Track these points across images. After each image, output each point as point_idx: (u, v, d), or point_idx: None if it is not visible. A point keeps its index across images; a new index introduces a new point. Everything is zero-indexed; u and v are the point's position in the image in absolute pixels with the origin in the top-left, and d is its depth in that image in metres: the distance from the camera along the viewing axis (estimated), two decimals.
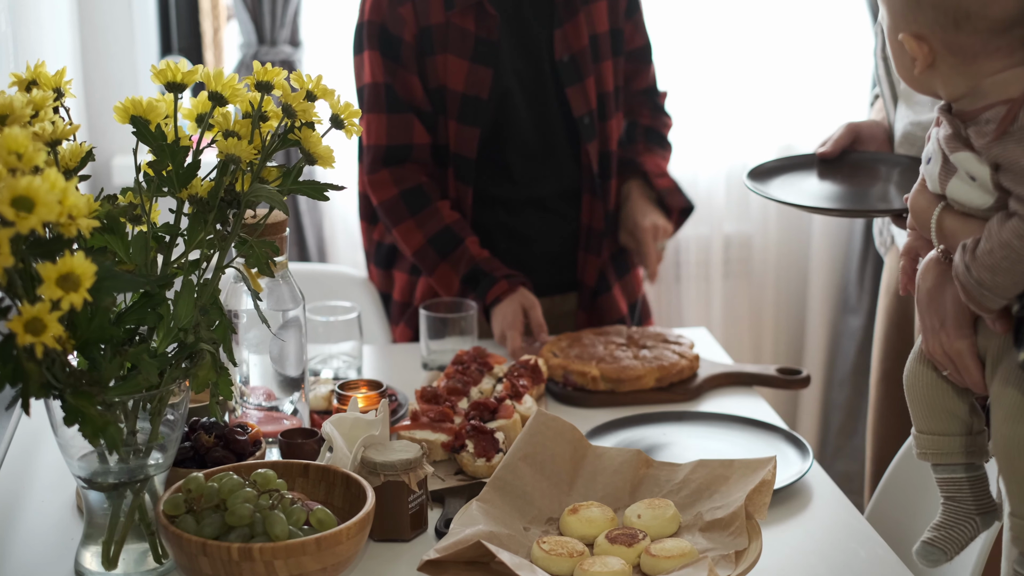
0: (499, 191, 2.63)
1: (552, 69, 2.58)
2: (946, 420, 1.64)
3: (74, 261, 1.31)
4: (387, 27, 2.50)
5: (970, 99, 1.53)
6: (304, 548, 1.46)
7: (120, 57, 3.57)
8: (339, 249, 3.83)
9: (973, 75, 1.52)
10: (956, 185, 1.53)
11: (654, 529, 1.70)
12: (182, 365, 1.55)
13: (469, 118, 2.53)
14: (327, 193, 1.65)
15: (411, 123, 2.54)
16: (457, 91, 2.52)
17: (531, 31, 2.56)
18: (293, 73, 1.63)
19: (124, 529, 1.59)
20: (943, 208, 1.56)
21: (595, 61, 2.60)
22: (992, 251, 1.46)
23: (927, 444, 1.65)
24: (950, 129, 1.53)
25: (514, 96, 2.57)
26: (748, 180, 2.30)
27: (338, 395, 2.02)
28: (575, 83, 2.58)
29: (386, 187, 2.56)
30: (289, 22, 3.64)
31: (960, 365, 1.59)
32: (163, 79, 1.59)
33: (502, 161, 2.61)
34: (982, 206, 1.50)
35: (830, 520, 1.86)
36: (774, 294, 4.03)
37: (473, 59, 2.51)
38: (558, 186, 2.66)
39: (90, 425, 1.41)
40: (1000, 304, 1.49)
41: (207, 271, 1.60)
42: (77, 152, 1.54)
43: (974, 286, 1.48)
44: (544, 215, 2.67)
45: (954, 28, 1.50)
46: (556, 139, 2.62)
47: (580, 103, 2.59)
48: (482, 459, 1.93)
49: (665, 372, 2.31)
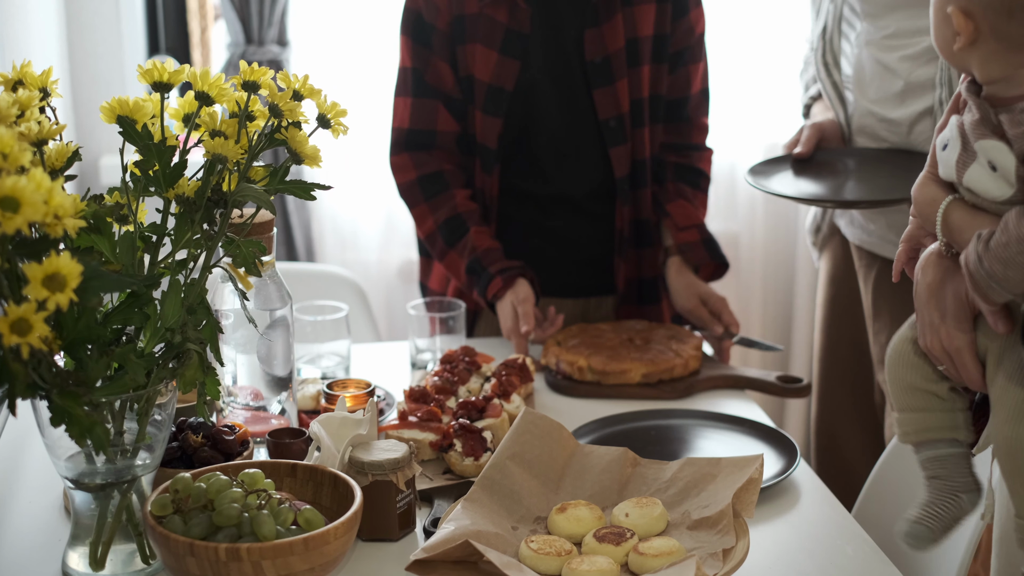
0: (528, 186, 2.61)
1: (583, 69, 2.54)
2: (927, 398, 1.63)
3: (60, 261, 1.31)
4: (422, 14, 2.51)
5: (1004, 85, 1.51)
6: (292, 548, 1.46)
7: (108, 57, 3.57)
8: (328, 249, 3.83)
9: (1012, 64, 1.49)
10: (975, 173, 1.50)
11: (642, 528, 1.70)
12: (169, 365, 1.55)
13: (492, 108, 2.52)
14: (315, 193, 1.65)
15: (436, 110, 2.54)
16: (484, 81, 2.51)
17: (565, 28, 2.52)
18: (280, 72, 1.63)
19: (111, 530, 1.59)
20: (951, 201, 1.55)
21: (632, 65, 2.54)
22: (1008, 244, 1.44)
23: (908, 423, 1.64)
24: (978, 114, 1.51)
25: (542, 91, 2.54)
26: (751, 178, 2.34)
27: (326, 395, 2.02)
28: (604, 85, 2.53)
29: (406, 170, 2.57)
30: (277, 21, 3.63)
31: (958, 362, 1.58)
32: (149, 79, 1.59)
33: (530, 155, 2.59)
34: (999, 197, 1.48)
35: (817, 518, 1.86)
36: (761, 291, 4.04)
37: (502, 50, 2.49)
38: (588, 186, 2.61)
39: (77, 426, 1.40)
40: (1006, 298, 1.48)
41: (194, 271, 1.59)
42: (63, 152, 1.54)
43: (984, 277, 1.46)
44: (576, 215, 2.63)
45: (1007, 15, 1.47)
46: (585, 139, 2.59)
47: (607, 106, 2.54)
48: (470, 458, 1.93)
49: (653, 369, 2.31)
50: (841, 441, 2.81)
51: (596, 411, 2.22)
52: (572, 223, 2.63)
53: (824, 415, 2.84)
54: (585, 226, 2.64)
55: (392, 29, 3.76)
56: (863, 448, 2.75)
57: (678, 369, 2.34)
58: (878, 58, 2.42)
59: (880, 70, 2.42)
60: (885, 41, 2.40)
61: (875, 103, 2.45)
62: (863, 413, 2.75)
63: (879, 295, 2.58)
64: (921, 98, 2.36)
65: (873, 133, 2.47)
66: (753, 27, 3.84)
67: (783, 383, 2.35)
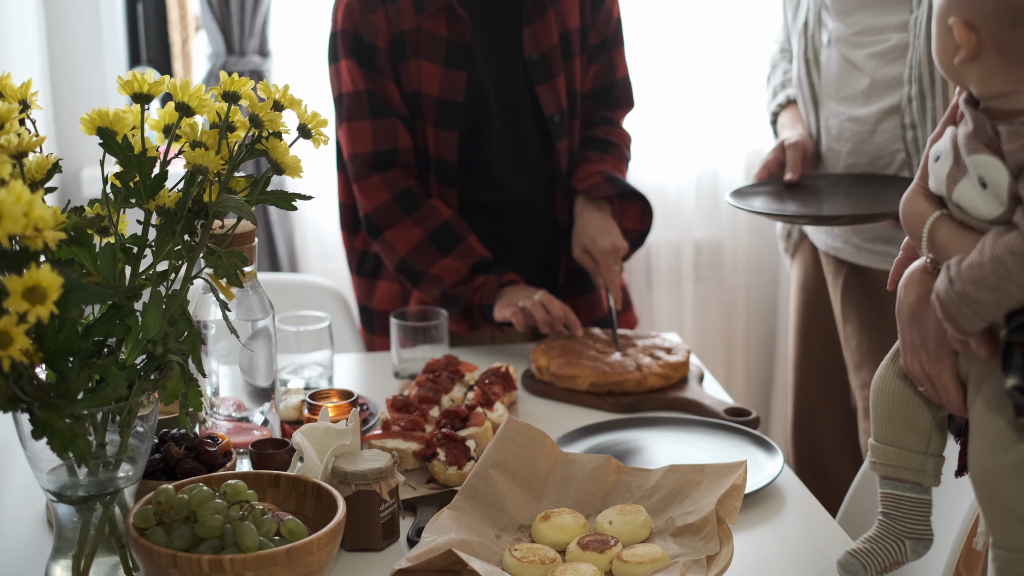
0: (481, 195, 2.62)
1: (523, 68, 2.57)
2: (906, 433, 1.60)
3: (40, 273, 1.31)
4: (360, 35, 2.49)
5: (1004, 100, 1.45)
6: (275, 559, 1.46)
7: (89, 69, 3.56)
8: (310, 259, 3.83)
9: (1013, 79, 1.43)
10: (964, 188, 1.45)
11: (626, 535, 1.70)
12: (151, 377, 1.54)
13: (447, 122, 2.53)
14: (296, 203, 1.65)
15: (395, 127, 2.53)
16: (432, 96, 2.51)
17: (501, 31, 2.55)
18: (260, 83, 1.63)
19: (94, 542, 1.58)
20: (939, 217, 1.49)
21: (565, 59, 2.59)
22: (982, 264, 1.39)
23: (879, 453, 1.61)
24: (972, 126, 1.45)
25: (488, 97, 2.56)
26: (733, 199, 2.35)
27: (309, 405, 2.02)
28: (545, 81, 2.57)
29: (377, 192, 2.54)
30: (258, 32, 3.64)
31: (939, 385, 1.53)
32: (129, 90, 1.58)
33: (480, 164, 2.60)
34: (988, 215, 1.43)
35: (801, 523, 1.86)
36: (744, 298, 4.05)
37: (447, 63, 2.50)
38: (532, 187, 2.64)
39: (58, 438, 1.40)
40: (979, 327, 1.42)
41: (175, 282, 1.59)
42: (43, 164, 1.53)
43: (955, 302, 1.41)
44: (525, 218, 2.66)
45: (1011, 26, 1.41)
46: (528, 139, 2.61)
47: (550, 101, 2.58)
48: (454, 467, 1.93)
49: (602, 379, 2.31)
50: (819, 445, 2.82)
51: (580, 419, 2.22)
52: (522, 227, 2.66)
53: (801, 420, 2.85)
54: (535, 229, 2.67)
55: None
56: (841, 452, 2.76)
57: (629, 384, 2.31)
58: (846, 55, 2.43)
59: (847, 68, 2.43)
60: (854, 38, 2.41)
61: (841, 101, 2.46)
62: (840, 417, 2.77)
63: (847, 301, 2.59)
64: (887, 96, 2.37)
65: (838, 134, 2.48)
66: (734, 35, 3.86)
67: (731, 415, 2.24)
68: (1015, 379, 1.40)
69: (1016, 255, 1.37)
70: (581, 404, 2.31)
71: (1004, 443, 1.45)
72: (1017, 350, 1.40)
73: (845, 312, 2.60)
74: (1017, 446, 1.44)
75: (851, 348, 2.60)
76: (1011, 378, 1.41)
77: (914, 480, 1.60)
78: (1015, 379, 1.40)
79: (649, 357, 2.38)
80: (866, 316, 2.54)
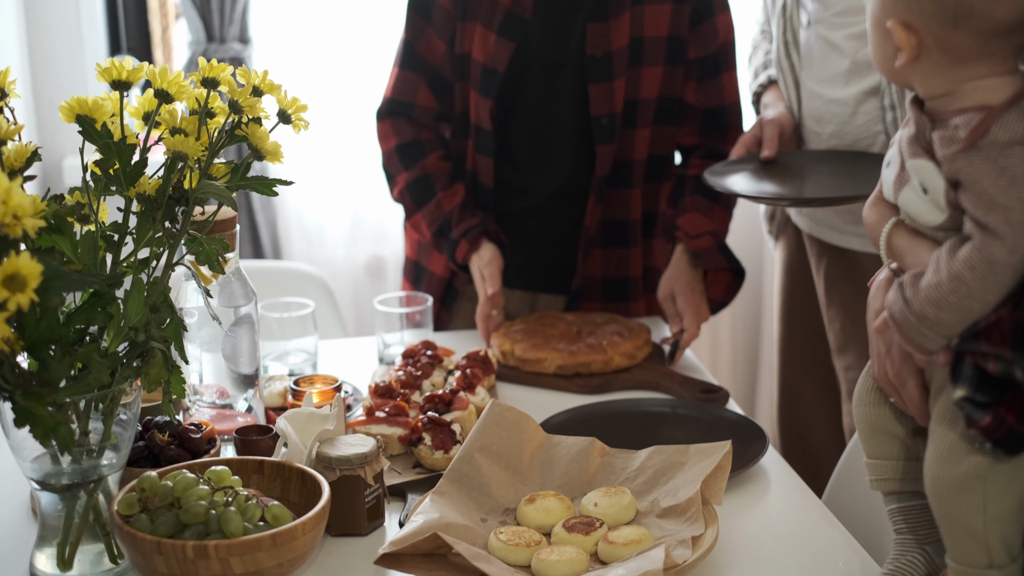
0: (503, 176, 2.58)
1: (580, 62, 2.49)
2: (886, 443, 1.57)
3: (20, 261, 1.31)
4: None
5: (947, 99, 1.42)
6: (260, 544, 1.46)
7: (68, 57, 3.55)
8: (293, 245, 3.82)
9: (957, 77, 1.40)
10: (907, 195, 1.43)
11: (611, 517, 1.71)
12: (133, 364, 1.54)
13: (485, 89, 2.50)
14: (278, 189, 1.64)
15: (417, 84, 2.55)
16: (479, 61, 2.49)
17: (567, 19, 2.49)
18: (239, 68, 1.62)
19: (79, 530, 1.58)
20: (894, 224, 1.47)
21: (633, 64, 2.48)
22: (940, 284, 1.35)
23: (874, 470, 1.59)
24: (914, 129, 1.42)
25: (532, 77, 2.51)
26: (710, 178, 2.33)
27: (293, 391, 2.02)
28: (601, 81, 2.47)
29: (387, 138, 2.59)
30: (238, 19, 3.62)
31: (904, 394, 1.51)
32: (108, 77, 1.58)
33: (507, 144, 2.57)
34: (931, 223, 1.41)
35: (787, 504, 1.87)
36: None
37: (500, 32, 2.47)
38: (556, 181, 2.58)
39: (41, 426, 1.40)
40: (940, 345, 1.39)
41: (157, 269, 1.59)
42: (22, 152, 1.53)
43: (913, 324, 1.38)
44: (543, 207, 2.61)
45: (952, 25, 1.37)
46: (563, 134, 2.54)
47: (601, 102, 2.48)
48: (440, 451, 1.93)
49: (569, 361, 2.31)
50: (805, 427, 2.83)
51: (563, 403, 2.23)
52: (538, 214, 2.61)
53: (787, 402, 2.86)
54: (549, 220, 2.61)
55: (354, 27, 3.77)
56: (826, 433, 2.77)
57: (596, 365, 2.31)
58: (826, 36, 2.42)
59: (827, 49, 2.42)
60: (834, 19, 2.40)
61: (821, 83, 2.45)
62: (825, 399, 2.77)
63: (830, 283, 2.59)
64: (866, 78, 2.36)
65: (818, 115, 2.47)
66: None
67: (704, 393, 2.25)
68: (963, 390, 1.36)
69: (974, 269, 1.33)
70: (549, 387, 2.31)
71: (956, 455, 1.41)
72: (967, 359, 1.37)
73: (829, 295, 2.60)
74: (968, 458, 1.39)
75: (835, 330, 2.60)
76: (959, 389, 1.37)
77: (911, 488, 1.57)
78: (963, 390, 1.36)
79: (614, 338, 2.38)
80: (849, 298, 2.55)
